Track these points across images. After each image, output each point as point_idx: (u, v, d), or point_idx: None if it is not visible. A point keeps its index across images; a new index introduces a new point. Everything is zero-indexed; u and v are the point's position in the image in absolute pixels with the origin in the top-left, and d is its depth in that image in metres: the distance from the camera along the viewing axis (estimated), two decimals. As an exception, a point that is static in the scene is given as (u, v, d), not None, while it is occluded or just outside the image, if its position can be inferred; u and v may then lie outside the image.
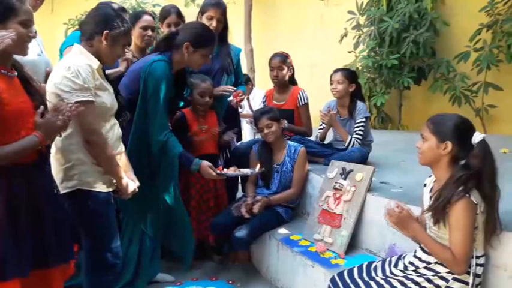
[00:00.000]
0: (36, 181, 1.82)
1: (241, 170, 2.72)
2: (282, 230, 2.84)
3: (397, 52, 4.97)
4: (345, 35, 5.41)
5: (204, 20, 2.97)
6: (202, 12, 3.01)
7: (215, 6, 2.96)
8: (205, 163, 2.54)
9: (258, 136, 4.29)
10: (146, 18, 2.96)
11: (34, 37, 1.81)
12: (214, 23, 2.95)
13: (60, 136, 1.84)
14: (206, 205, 2.92)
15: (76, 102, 1.81)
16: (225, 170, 2.64)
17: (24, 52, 1.77)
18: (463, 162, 1.79)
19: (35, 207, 1.80)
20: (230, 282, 2.79)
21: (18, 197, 1.74)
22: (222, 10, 3.00)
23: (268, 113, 2.89)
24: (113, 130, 2.01)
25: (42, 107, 1.72)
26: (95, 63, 1.93)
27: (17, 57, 1.81)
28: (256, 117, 2.92)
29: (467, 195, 1.68)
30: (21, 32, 1.69)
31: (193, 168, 2.54)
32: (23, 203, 1.76)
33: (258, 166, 2.76)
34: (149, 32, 2.96)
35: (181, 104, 2.92)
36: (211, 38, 2.58)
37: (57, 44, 2.74)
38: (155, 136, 2.44)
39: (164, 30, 3.14)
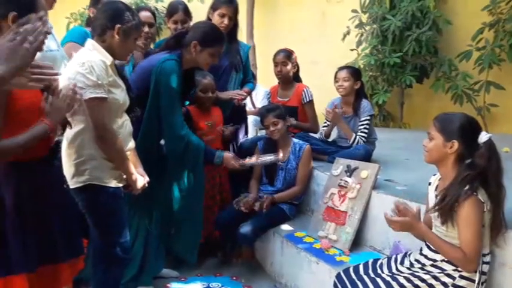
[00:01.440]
0: (45, 177, 1.83)
1: (263, 157, 2.72)
2: (286, 227, 2.85)
3: (400, 50, 4.98)
4: (348, 33, 5.41)
5: (216, 17, 2.97)
6: (214, 8, 3.01)
7: (228, 4, 2.97)
8: (228, 154, 2.60)
9: (260, 133, 4.31)
10: (142, 14, 2.97)
11: (50, 32, 1.81)
12: (226, 21, 2.96)
13: (71, 127, 1.85)
14: (213, 200, 2.93)
15: (89, 98, 1.81)
16: (247, 159, 2.67)
17: (40, 48, 1.78)
18: (468, 161, 1.80)
19: (43, 203, 1.81)
20: (234, 278, 2.81)
21: (26, 192, 1.75)
22: (234, 8, 3.01)
23: (275, 111, 2.90)
24: (124, 126, 2.02)
25: (45, 93, 1.69)
26: (108, 59, 1.93)
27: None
28: (263, 115, 2.93)
29: (475, 193, 1.70)
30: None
31: (216, 161, 2.59)
32: (31, 199, 1.77)
33: (281, 153, 2.77)
34: (145, 28, 2.97)
35: (187, 103, 2.92)
36: (220, 38, 2.58)
37: (58, 38, 2.72)
38: (177, 132, 2.46)
39: (171, 26, 3.15)
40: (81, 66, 1.83)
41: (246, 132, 3.35)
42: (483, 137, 1.77)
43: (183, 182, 2.58)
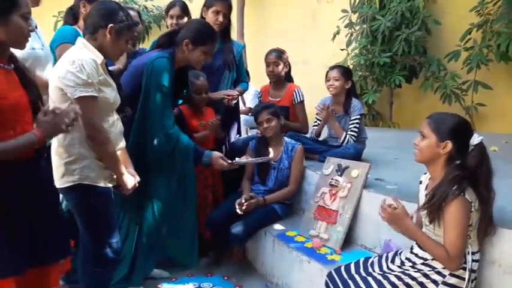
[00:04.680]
0: (32, 177, 1.80)
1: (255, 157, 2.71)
2: (278, 226, 2.85)
3: (389, 50, 5.01)
4: (338, 32, 5.44)
5: (210, 15, 2.97)
6: (207, 6, 3.00)
7: (222, 1, 2.96)
8: (216, 154, 2.54)
9: (251, 132, 4.31)
10: None
11: (33, 30, 1.78)
12: (220, 18, 2.95)
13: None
14: (204, 201, 2.92)
15: (79, 97, 1.79)
16: (237, 159, 2.63)
17: (23, 46, 1.74)
18: (458, 162, 1.82)
19: (30, 204, 1.78)
20: (225, 278, 2.80)
21: (13, 194, 1.72)
22: (228, 5, 3.01)
23: (269, 108, 2.91)
24: (115, 125, 2.01)
25: (48, 105, 1.68)
26: (99, 58, 1.91)
27: (18, 51, 1.78)
28: (257, 111, 2.93)
29: (462, 193, 1.71)
30: (23, 25, 1.66)
31: (204, 160, 2.53)
32: (18, 200, 1.74)
33: (271, 152, 2.74)
34: None
35: (180, 102, 2.90)
36: (212, 36, 2.55)
37: (46, 37, 2.67)
38: (167, 130, 2.43)
39: (167, 21, 3.23)
40: (71, 64, 1.81)
41: (239, 132, 3.34)
42: (475, 139, 1.78)
43: (173, 183, 2.54)
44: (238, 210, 2.73)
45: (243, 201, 2.74)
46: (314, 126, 3.31)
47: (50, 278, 1.90)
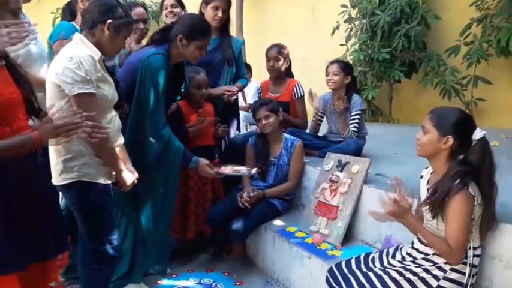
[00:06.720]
0: (30, 173, 1.79)
1: (239, 169, 2.72)
2: (278, 222, 2.84)
3: (389, 45, 4.99)
4: (337, 27, 5.42)
5: (209, 10, 2.96)
6: (206, 2, 2.99)
7: None
8: (204, 161, 2.53)
9: (251, 129, 4.30)
10: (137, 10, 2.98)
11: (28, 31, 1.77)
12: (219, 13, 2.95)
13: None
14: (204, 197, 2.91)
15: (77, 94, 1.78)
16: (223, 168, 2.65)
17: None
18: (461, 156, 1.81)
19: (29, 199, 1.77)
20: (226, 274, 2.80)
21: (12, 190, 1.72)
22: (227, 1, 3.00)
23: (267, 105, 2.89)
24: (113, 122, 2.00)
25: (54, 109, 1.68)
26: (97, 55, 1.90)
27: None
28: (255, 108, 2.92)
29: (466, 187, 1.70)
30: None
31: (191, 166, 2.53)
32: (17, 196, 1.73)
33: (255, 168, 2.77)
34: (141, 25, 3.00)
35: (178, 98, 2.89)
36: (205, 30, 2.52)
37: (43, 33, 2.65)
38: (159, 130, 2.41)
39: (163, 12, 3.23)
40: (69, 61, 1.80)
41: (238, 128, 3.33)
42: (477, 134, 1.77)
43: (158, 184, 2.52)
44: (239, 203, 2.72)
45: (245, 194, 2.73)
46: (313, 121, 3.31)
47: (49, 273, 1.91)
